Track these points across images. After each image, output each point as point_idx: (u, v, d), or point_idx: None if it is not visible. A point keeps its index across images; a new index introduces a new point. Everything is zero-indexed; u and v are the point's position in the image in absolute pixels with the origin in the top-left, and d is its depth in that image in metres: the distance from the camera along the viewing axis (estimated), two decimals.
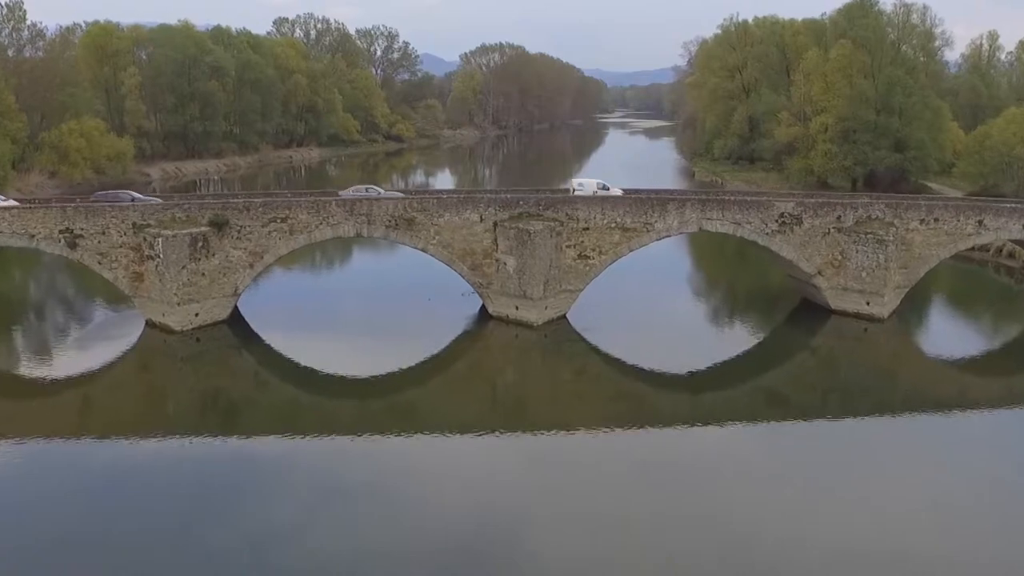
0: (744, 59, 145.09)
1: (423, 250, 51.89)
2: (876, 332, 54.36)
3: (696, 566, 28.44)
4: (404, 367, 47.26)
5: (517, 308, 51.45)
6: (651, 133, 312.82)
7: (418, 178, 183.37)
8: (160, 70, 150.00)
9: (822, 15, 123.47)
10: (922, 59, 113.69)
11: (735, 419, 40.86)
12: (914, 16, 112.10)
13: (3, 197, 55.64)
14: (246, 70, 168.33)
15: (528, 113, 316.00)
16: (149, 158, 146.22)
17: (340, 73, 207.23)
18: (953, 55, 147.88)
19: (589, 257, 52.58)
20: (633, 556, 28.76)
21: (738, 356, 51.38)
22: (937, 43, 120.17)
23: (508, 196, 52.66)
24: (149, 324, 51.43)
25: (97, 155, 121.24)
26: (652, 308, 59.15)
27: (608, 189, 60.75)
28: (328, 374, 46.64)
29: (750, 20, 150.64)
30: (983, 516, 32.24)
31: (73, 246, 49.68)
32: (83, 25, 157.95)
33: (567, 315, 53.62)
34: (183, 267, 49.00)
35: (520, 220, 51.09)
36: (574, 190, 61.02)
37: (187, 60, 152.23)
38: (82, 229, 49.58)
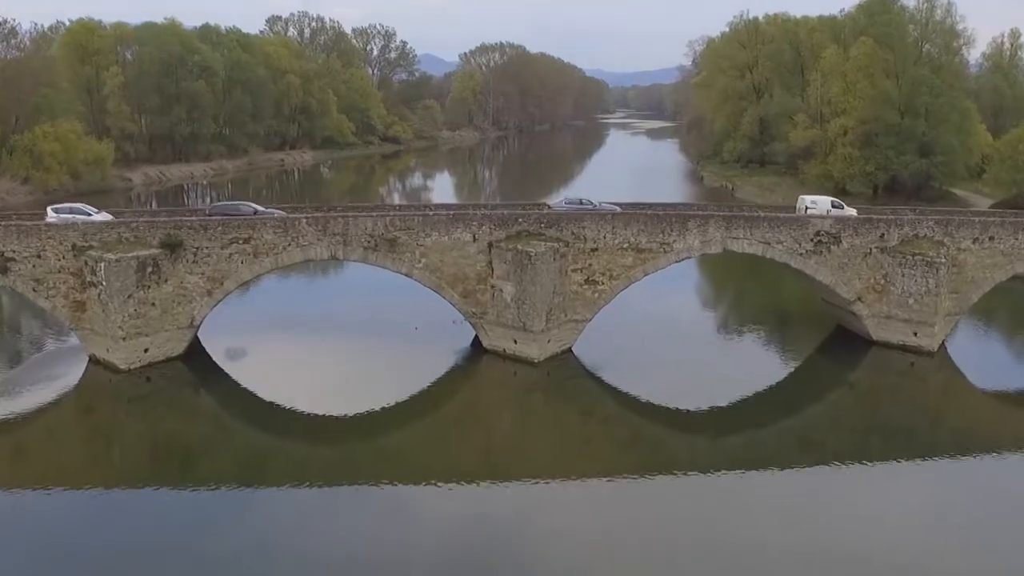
0: (755, 58, 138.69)
1: (407, 275, 45.31)
2: (924, 367, 47.78)
3: None
4: (387, 408, 41.12)
5: (515, 341, 44.85)
6: (654, 134, 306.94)
7: (416, 181, 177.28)
8: (145, 70, 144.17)
9: (840, 11, 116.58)
10: (945, 58, 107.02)
11: (763, 465, 35.85)
12: (938, 12, 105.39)
13: (95, 210, 48.83)
14: (235, 70, 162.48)
15: (528, 114, 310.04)
16: (133, 162, 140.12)
17: (335, 73, 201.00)
18: (973, 54, 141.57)
19: (598, 282, 45.98)
20: None
21: (766, 393, 45.04)
22: (960, 41, 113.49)
23: (505, 212, 45.97)
24: (93, 360, 44.84)
25: (73, 159, 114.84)
26: (669, 338, 52.29)
27: (842, 208, 52.43)
28: (300, 416, 40.49)
29: (760, 18, 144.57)
30: None
31: (4, 271, 43.06)
32: (67, 23, 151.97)
33: (572, 348, 47.01)
34: (129, 296, 42.38)
35: (519, 240, 44.49)
36: (807, 209, 52.66)
37: (173, 59, 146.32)
38: (14, 252, 42.95)
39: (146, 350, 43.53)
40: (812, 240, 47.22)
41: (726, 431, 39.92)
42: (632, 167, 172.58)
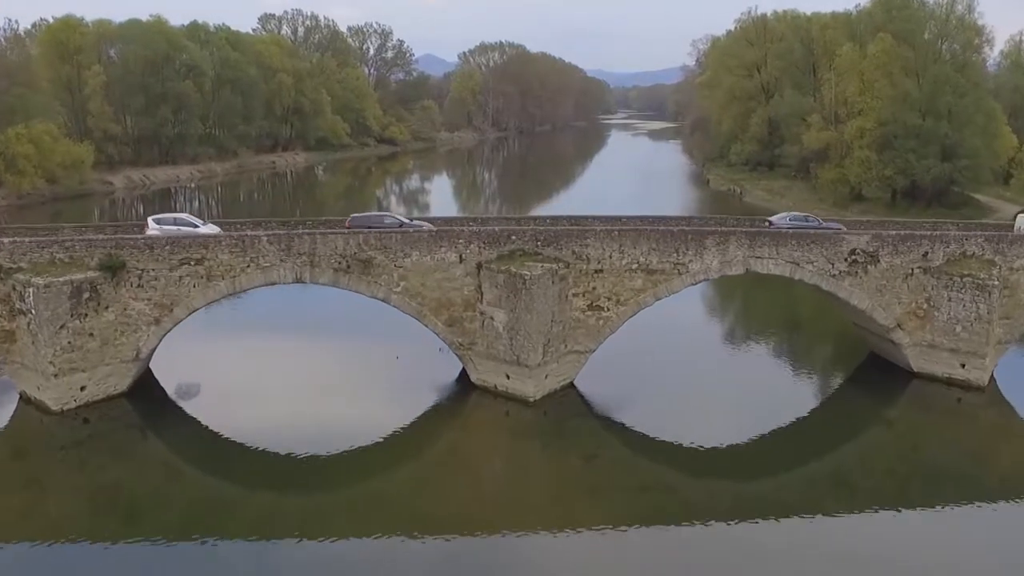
0: (764, 56, 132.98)
1: (384, 300, 39.59)
2: (973, 403, 42.11)
3: None
4: (363, 452, 35.80)
5: (508, 377, 39.13)
6: (656, 135, 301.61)
7: (412, 183, 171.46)
8: (129, 69, 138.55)
9: (856, 6, 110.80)
10: (967, 55, 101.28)
11: (789, 511, 31.91)
12: (959, 6, 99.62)
13: (201, 222, 43.53)
14: (225, 69, 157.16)
15: (529, 114, 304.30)
16: (117, 164, 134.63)
17: (329, 72, 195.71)
18: (991, 54, 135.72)
19: (603, 308, 40.30)
20: None
21: (792, 431, 39.80)
22: (981, 38, 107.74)
23: (496, 229, 40.14)
24: (24, 399, 39.16)
25: (49, 162, 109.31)
26: (682, 368, 46.43)
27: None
28: (265, 460, 35.18)
29: (769, 15, 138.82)
30: None
31: None
32: (51, 21, 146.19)
33: (574, 382, 41.30)
34: (62, 326, 36.69)
35: (512, 261, 38.78)
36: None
37: (159, 58, 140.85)
38: None
39: (83, 388, 37.81)
40: (846, 259, 41.50)
41: (749, 475, 35.11)
42: (635, 169, 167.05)
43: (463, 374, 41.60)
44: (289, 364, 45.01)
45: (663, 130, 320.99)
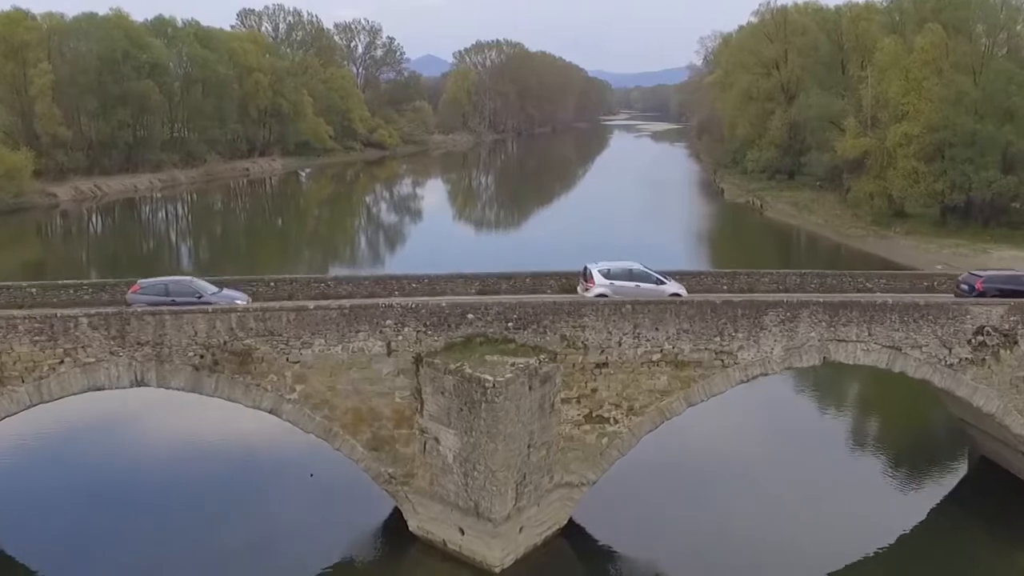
0: (784, 52, 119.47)
1: (273, 412, 25.87)
2: None
3: None
4: None
5: (462, 531, 25.51)
6: (660, 137, 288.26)
7: (404, 188, 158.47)
8: (82, 67, 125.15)
9: None
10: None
11: None
12: None
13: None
14: (194, 68, 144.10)
15: (528, 116, 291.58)
16: (66, 172, 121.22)
17: (312, 72, 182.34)
18: None
19: (609, 420, 26.73)
20: None
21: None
22: None
23: (444, 303, 26.32)
24: None
25: None
26: (717, 493, 31.39)
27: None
28: None
29: (790, 6, 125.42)
30: None
31: None
32: None
33: (564, 529, 27.53)
34: None
35: (468, 353, 25.18)
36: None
37: (117, 55, 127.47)
38: None
39: None
40: (970, 342, 27.79)
41: None
42: (640, 177, 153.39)
43: (398, 515, 27.75)
44: (145, 498, 30.58)
45: (666, 132, 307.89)
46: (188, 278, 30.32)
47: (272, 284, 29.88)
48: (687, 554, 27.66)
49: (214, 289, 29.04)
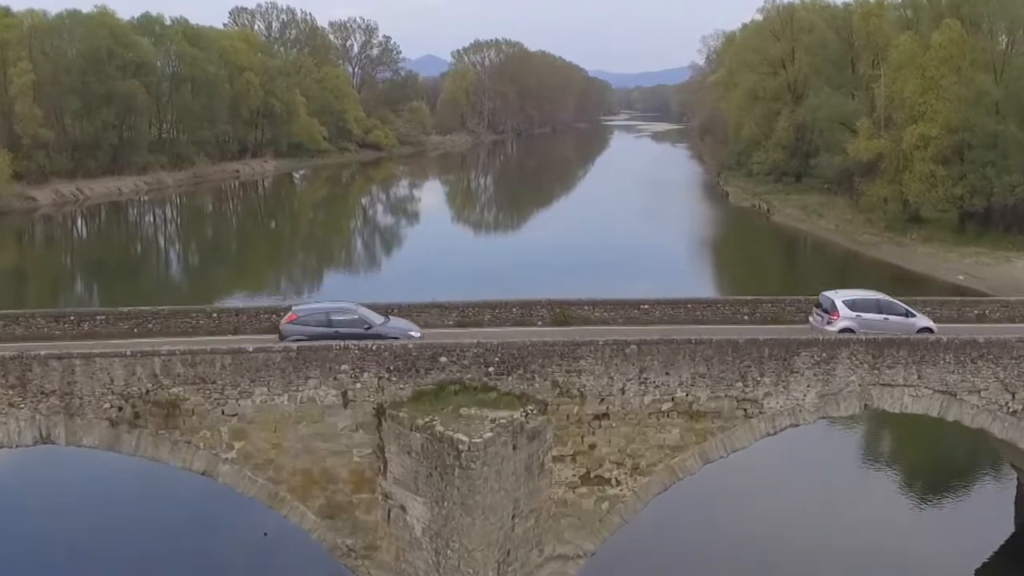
0: (791, 51, 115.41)
1: (207, 474, 21.57)
2: None
3: None
4: None
5: None
6: (661, 138, 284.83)
7: (400, 190, 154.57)
8: (65, 66, 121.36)
9: None
10: None
11: None
12: None
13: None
14: (181, 66, 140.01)
15: (527, 116, 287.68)
16: (50, 176, 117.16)
17: (306, 71, 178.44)
18: None
19: (610, 482, 22.48)
20: None
21: None
22: None
23: (411, 345, 22.06)
24: None
25: None
26: (741, 564, 26.87)
27: None
28: None
29: (796, 2, 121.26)
30: None
31: None
32: None
33: None
34: None
35: (439, 405, 20.93)
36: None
37: (101, 54, 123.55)
38: None
39: None
40: None
41: None
42: (641, 178, 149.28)
43: None
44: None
45: (667, 132, 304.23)
46: (351, 304, 25.41)
47: (215, 316, 25.50)
48: None
49: (381, 319, 24.70)
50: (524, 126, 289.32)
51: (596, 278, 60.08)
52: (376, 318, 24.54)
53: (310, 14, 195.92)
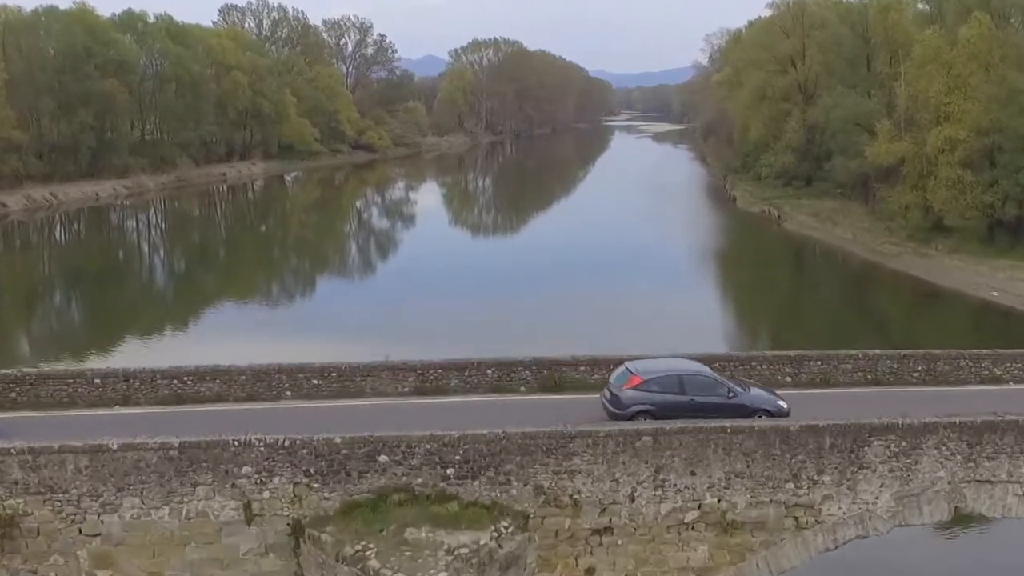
0: (802, 48, 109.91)
1: None
2: None
3: None
4: None
5: None
6: (662, 138, 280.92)
7: (395, 193, 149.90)
8: (40, 64, 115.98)
9: None
10: None
11: None
12: None
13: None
14: (165, 65, 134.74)
15: (527, 116, 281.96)
16: (23, 179, 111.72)
17: (297, 70, 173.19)
18: None
19: None
20: None
21: None
22: None
23: (339, 439, 16.23)
24: None
25: None
26: None
27: None
28: None
29: None
30: None
31: None
32: None
33: None
34: None
35: (376, 522, 15.08)
36: None
37: (78, 51, 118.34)
38: None
39: None
40: None
41: None
42: (644, 181, 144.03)
43: None
44: None
45: (668, 132, 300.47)
46: (698, 364, 19.89)
47: (97, 383, 19.64)
48: None
49: (740, 387, 19.25)
50: (523, 127, 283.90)
51: (596, 287, 57.68)
52: (734, 384, 19.09)
53: (302, 12, 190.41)
